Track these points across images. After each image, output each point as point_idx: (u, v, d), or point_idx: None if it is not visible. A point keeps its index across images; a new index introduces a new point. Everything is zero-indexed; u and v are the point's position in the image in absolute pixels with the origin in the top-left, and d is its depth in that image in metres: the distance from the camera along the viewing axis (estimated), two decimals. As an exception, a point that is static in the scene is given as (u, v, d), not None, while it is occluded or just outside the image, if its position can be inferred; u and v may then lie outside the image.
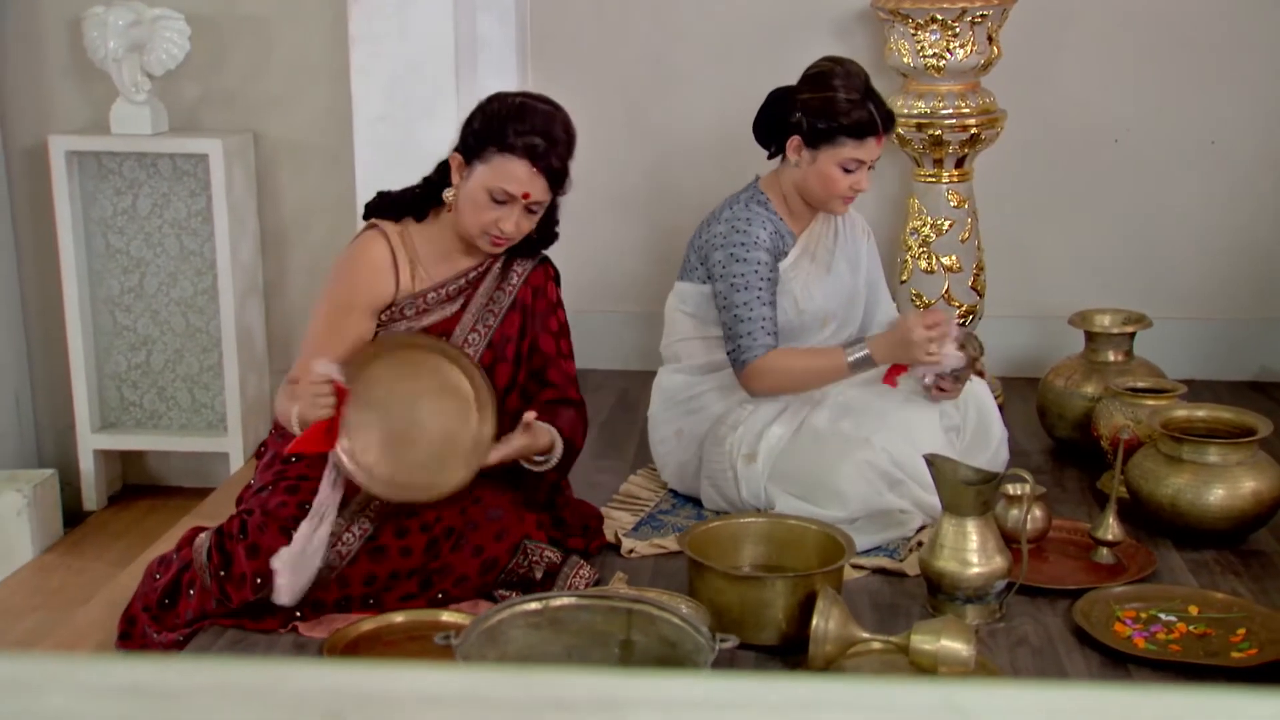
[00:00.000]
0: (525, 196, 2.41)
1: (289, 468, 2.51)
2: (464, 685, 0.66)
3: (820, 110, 2.80)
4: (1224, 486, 2.70)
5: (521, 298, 2.58)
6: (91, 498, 3.84)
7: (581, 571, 2.54)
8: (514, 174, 2.39)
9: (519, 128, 2.39)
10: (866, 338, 2.81)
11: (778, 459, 2.80)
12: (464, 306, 2.55)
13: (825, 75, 2.84)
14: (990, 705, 0.65)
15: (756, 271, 2.82)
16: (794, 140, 2.85)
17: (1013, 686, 0.69)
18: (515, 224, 2.43)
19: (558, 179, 2.44)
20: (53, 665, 0.66)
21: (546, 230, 2.60)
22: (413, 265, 2.53)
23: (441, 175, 2.53)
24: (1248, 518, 2.72)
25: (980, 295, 3.65)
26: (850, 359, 2.78)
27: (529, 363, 2.61)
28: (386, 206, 2.57)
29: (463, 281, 2.55)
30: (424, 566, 2.43)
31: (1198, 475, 2.72)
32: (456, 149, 2.47)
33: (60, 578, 3.43)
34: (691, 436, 2.96)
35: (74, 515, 3.80)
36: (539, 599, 2.04)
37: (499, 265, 2.58)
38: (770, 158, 2.97)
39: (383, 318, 2.54)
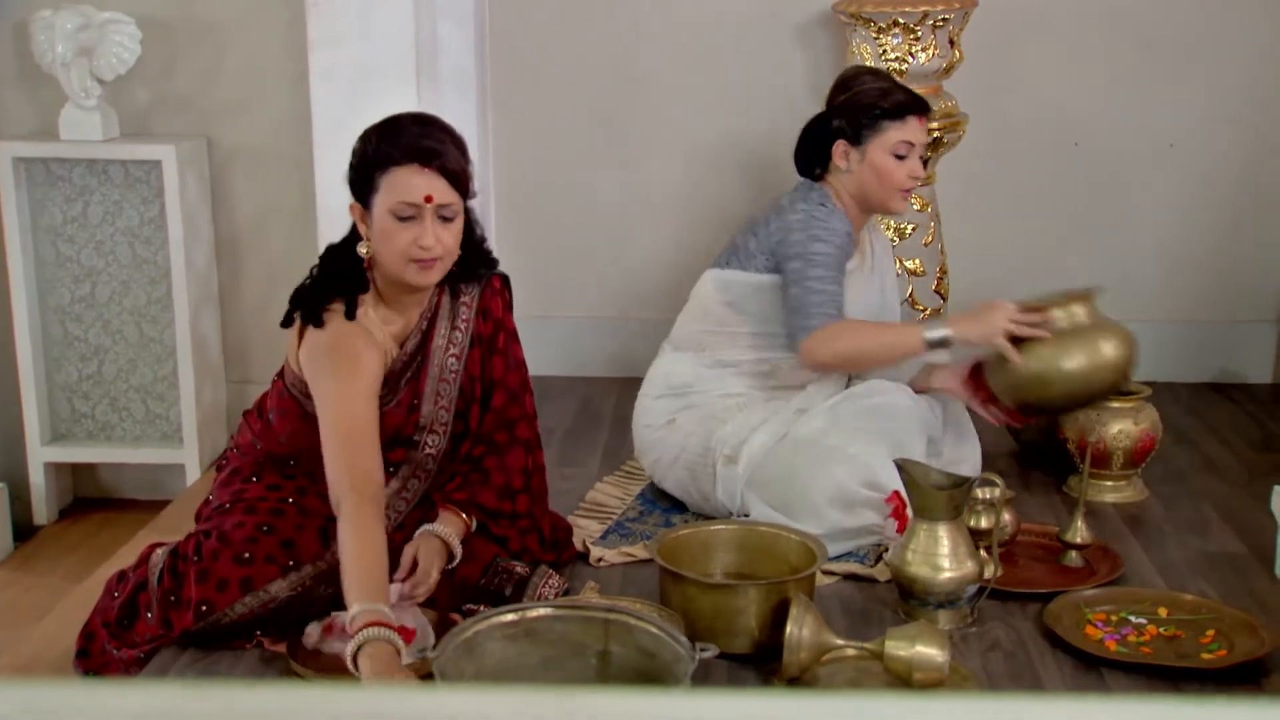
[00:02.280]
0: (429, 200, 2.25)
1: (248, 487, 2.47)
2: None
3: (855, 105, 2.86)
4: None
5: (478, 331, 2.48)
6: (42, 511, 3.79)
7: (551, 581, 2.53)
8: (409, 182, 2.25)
9: (394, 141, 2.27)
10: (946, 316, 2.79)
11: (758, 465, 2.80)
12: (425, 358, 2.43)
13: (849, 77, 2.94)
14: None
15: (835, 255, 2.82)
16: (839, 146, 2.87)
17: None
18: (434, 236, 2.26)
19: (456, 177, 2.28)
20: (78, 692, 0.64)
21: (475, 247, 2.44)
22: (384, 324, 2.40)
23: (350, 241, 2.38)
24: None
25: (944, 299, 3.67)
26: (927, 335, 2.76)
27: (489, 390, 2.51)
28: (321, 295, 2.35)
29: (420, 335, 2.43)
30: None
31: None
32: (352, 201, 2.34)
33: (12, 594, 3.38)
34: (682, 429, 2.94)
35: (24, 529, 3.75)
36: (515, 610, 2.03)
37: (446, 300, 2.45)
38: (816, 178, 2.94)
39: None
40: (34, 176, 3.69)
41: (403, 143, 2.26)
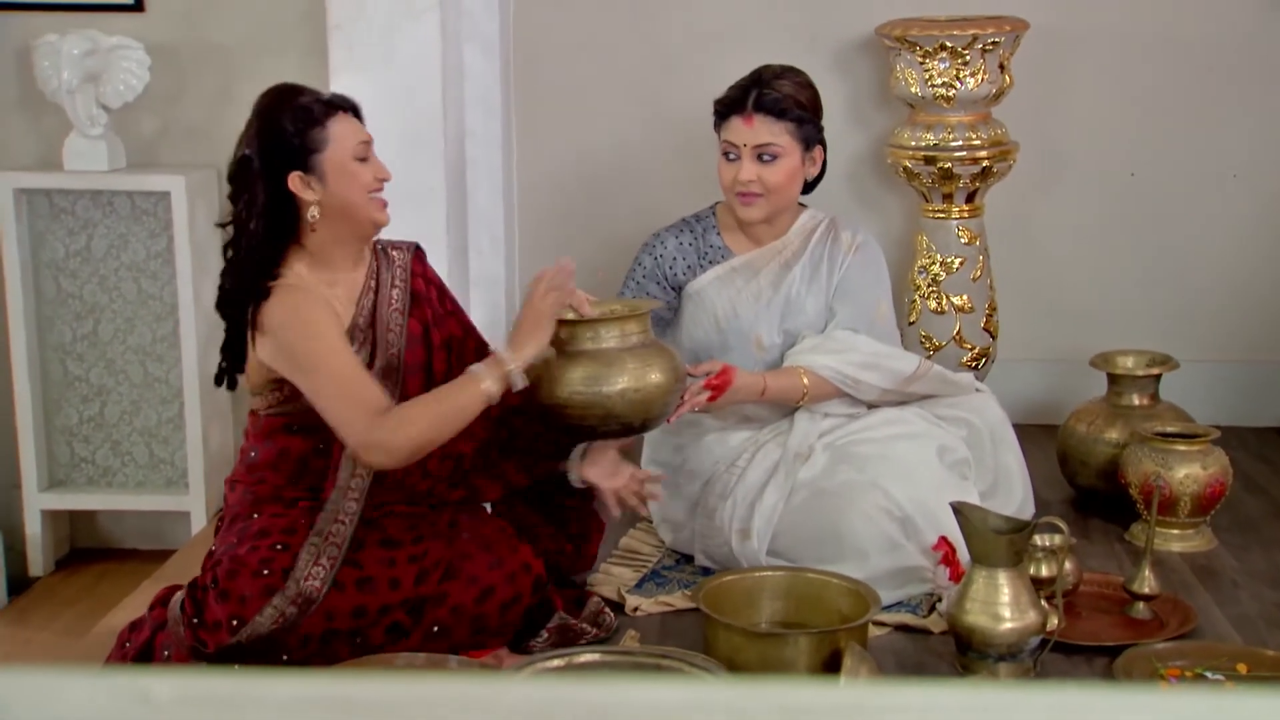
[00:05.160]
0: (369, 139, 2.55)
1: (251, 523, 2.54)
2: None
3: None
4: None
5: (415, 289, 2.65)
6: (38, 562, 3.80)
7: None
8: (350, 128, 2.52)
9: (308, 100, 2.51)
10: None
11: (776, 529, 2.80)
12: (376, 315, 2.57)
13: None
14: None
15: (633, 272, 3.03)
16: None
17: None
18: (383, 168, 2.56)
19: (361, 114, 2.58)
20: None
21: None
22: (329, 296, 2.55)
23: (273, 220, 2.48)
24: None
25: (993, 337, 3.69)
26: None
27: (463, 346, 2.67)
28: (251, 277, 2.49)
29: (373, 293, 2.59)
30: (415, 596, 2.47)
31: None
32: (287, 172, 2.46)
33: (6, 649, 3.39)
34: (682, 498, 2.98)
35: (18, 582, 3.75)
36: (562, 655, 2.05)
37: (384, 263, 2.63)
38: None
39: None
40: (36, 208, 3.73)
41: (320, 101, 2.51)
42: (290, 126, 2.46)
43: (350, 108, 2.54)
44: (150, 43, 3.70)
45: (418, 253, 2.70)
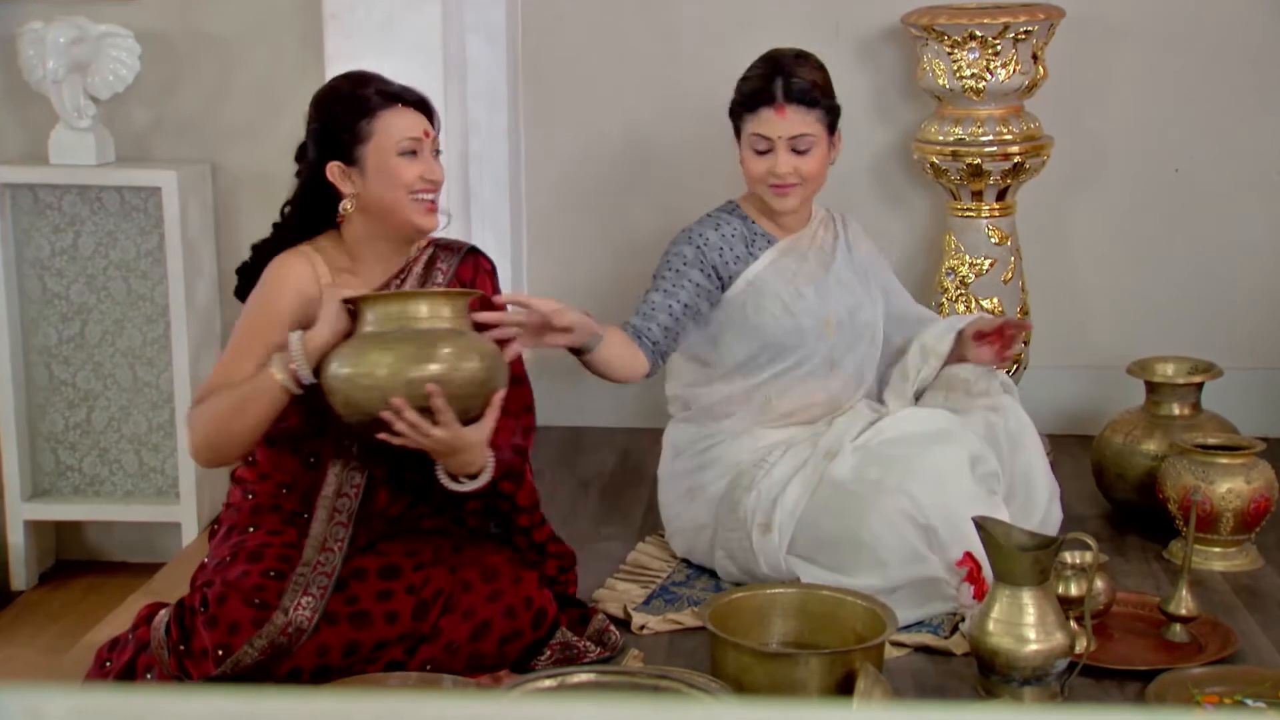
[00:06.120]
0: (427, 134, 2.52)
1: (248, 538, 2.53)
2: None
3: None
4: None
5: None
6: (21, 575, 3.80)
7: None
8: (403, 121, 2.50)
9: (366, 91, 2.51)
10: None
11: (798, 526, 2.81)
12: None
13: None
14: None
15: (669, 262, 2.95)
16: None
17: None
18: (437, 168, 2.52)
19: (430, 110, 2.56)
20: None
21: None
22: (335, 274, 2.54)
23: (311, 207, 2.53)
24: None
25: (1025, 343, 3.65)
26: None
27: None
28: (282, 240, 2.57)
29: (395, 285, 2.58)
30: (412, 631, 2.45)
31: None
32: (327, 160, 2.49)
33: (-13, 666, 3.39)
34: (705, 498, 2.96)
35: (0, 596, 3.75)
36: (555, 675, 2.03)
37: (423, 264, 2.60)
38: None
39: None
40: (20, 204, 3.73)
41: (376, 91, 2.51)
42: (338, 115, 2.50)
43: (415, 101, 2.53)
44: (141, 31, 3.69)
45: (469, 255, 2.65)
